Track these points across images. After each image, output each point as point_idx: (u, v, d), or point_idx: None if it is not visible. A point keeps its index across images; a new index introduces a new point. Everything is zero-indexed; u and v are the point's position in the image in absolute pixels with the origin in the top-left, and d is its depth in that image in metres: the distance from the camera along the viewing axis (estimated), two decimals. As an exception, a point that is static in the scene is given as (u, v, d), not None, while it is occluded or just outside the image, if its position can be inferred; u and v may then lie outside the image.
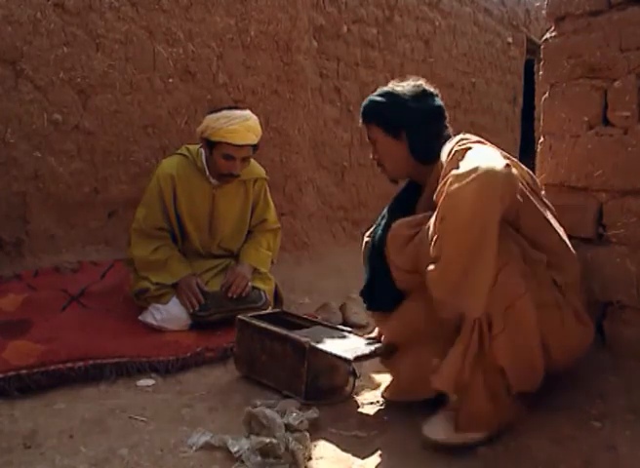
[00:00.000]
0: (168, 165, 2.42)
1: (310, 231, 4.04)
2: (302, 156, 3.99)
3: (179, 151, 2.51)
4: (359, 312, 2.64)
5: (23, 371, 1.75)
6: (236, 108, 2.39)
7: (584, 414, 1.48)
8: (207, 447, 1.42)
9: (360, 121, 1.74)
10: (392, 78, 5.57)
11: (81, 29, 2.79)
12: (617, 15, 1.63)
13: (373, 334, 1.84)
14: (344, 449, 1.45)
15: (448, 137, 1.63)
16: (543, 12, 1.89)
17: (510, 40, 6.62)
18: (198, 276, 2.37)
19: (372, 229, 1.81)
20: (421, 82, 1.70)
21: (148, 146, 3.08)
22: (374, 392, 1.84)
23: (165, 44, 3.09)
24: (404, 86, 1.68)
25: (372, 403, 1.75)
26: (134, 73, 2.98)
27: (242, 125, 2.28)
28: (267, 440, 1.37)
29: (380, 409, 1.70)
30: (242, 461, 1.35)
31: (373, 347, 1.72)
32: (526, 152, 5.79)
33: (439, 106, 1.68)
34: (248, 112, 2.37)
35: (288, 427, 1.45)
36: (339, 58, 4.43)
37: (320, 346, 1.72)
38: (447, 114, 1.71)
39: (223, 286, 2.34)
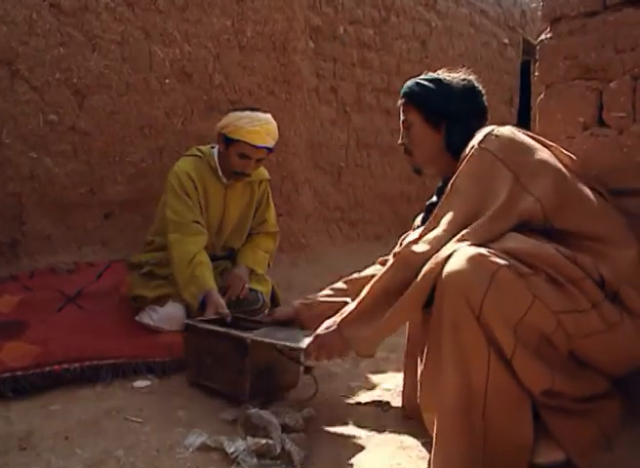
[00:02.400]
0: (183, 165, 2.38)
1: (307, 232, 4.04)
2: (299, 157, 3.99)
3: (189, 153, 2.48)
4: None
5: (19, 373, 1.74)
6: (258, 110, 2.41)
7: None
8: (203, 448, 1.42)
9: (399, 101, 1.66)
10: (389, 79, 5.59)
11: (77, 30, 2.78)
12: (612, 16, 1.64)
13: None
14: (341, 450, 1.45)
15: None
16: (539, 13, 1.89)
17: (506, 41, 6.64)
18: None
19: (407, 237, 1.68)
20: (472, 78, 1.64)
21: (145, 147, 3.07)
22: (370, 392, 1.84)
23: (161, 45, 3.08)
24: (454, 77, 1.61)
25: (368, 403, 1.76)
26: (130, 74, 2.97)
27: (263, 127, 2.31)
28: (264, 441, 1.37)
29: (376, 410, 1.71)
30: (238, 463, 1.35)
31: None
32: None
33: (485, 107, 1.63)
34: (269, 116, 2.39)
35: (284, 428, 1.45)
36: (335, 59, 4.44)
37: (266, 340, 1.65)
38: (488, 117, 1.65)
39: (221, 289, 2.33)
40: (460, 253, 1.25)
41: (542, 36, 1.89)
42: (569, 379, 1.26)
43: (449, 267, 1.25)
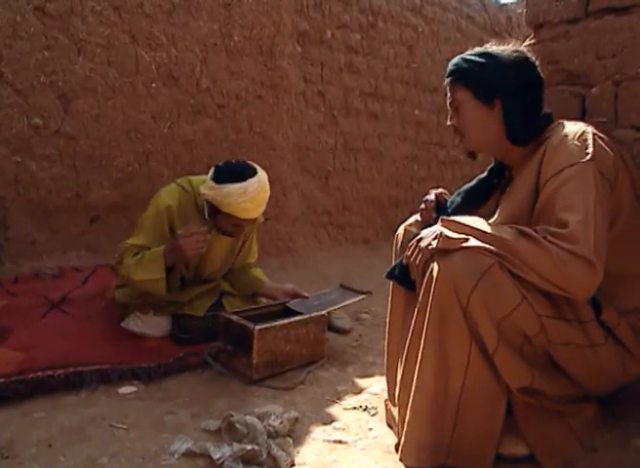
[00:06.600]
0: (167, 196, 2.25)
1: (294, 236, 4.04)
2: (287, 161, 3.99)
3: (179, 182, 2.32)
4: (343, 317, 2.64)
5: (1, 380, 1.72)
6: (245, 173, 2.14)
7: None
8: (189, 454, 1.41)
9: (445, 80, 1.51)
10: (376, 83, 5.59)
11: (62, 33, 2.76)
12: (593, 23, 1.66)
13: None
14: (327, 455, 1.45)
15: (547, 118, 1.44)
16: (524, 19, 1.92)
17: (493, 46, 6.69)
18: (186, 304, 2.30)
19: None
20: (524, 49, 1.49)
21: (131, 151, 3.06)
22: (357, 397, 1.84)
23: (148, 48, 3.07)
24: (504, 50, 1.46)
25: (354, 408, 1.76)
26: (116, 78, 2.96)
27: (254, 202, 2.13)
28: (249, 446, 1.36)
29: (362, 414, 1.71)
30: (224, 468, 1.34)
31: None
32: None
33: (541, 80, 1.45)
34: (258, 180, 2.14)
35: (270, 434, 1.45)
36: (322, 63, 4.45)
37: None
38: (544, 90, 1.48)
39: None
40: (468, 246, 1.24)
41: (527, 42, 1.91)
42: (548, 378, 1.27)
43: (444, 255, 1.25)
